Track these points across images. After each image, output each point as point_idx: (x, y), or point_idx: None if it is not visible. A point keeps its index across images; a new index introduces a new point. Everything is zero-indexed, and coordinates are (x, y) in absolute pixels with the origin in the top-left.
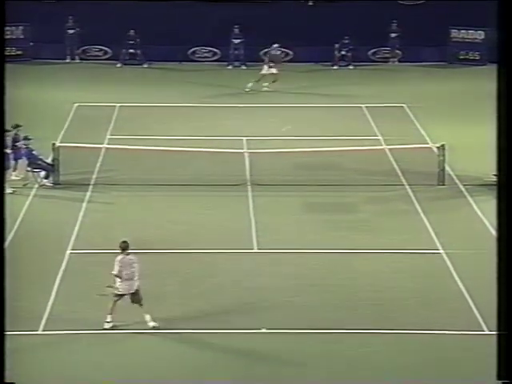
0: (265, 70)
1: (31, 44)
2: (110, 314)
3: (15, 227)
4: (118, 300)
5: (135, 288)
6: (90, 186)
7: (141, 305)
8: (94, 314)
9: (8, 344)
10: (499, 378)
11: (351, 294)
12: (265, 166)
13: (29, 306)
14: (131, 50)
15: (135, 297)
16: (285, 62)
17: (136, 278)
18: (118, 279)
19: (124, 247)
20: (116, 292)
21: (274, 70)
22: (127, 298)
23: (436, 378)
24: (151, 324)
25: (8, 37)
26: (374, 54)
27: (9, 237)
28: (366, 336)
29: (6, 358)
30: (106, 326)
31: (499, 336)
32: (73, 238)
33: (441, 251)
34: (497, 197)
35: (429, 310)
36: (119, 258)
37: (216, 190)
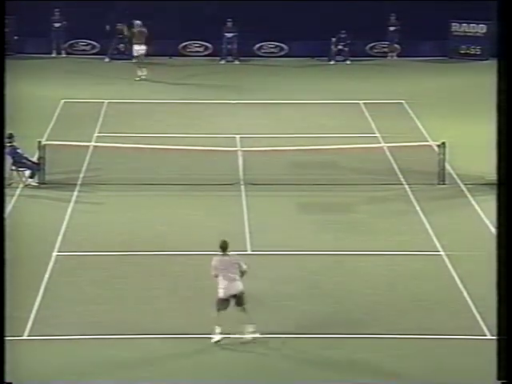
0: (135, 48)
1: (15, 38)
2: (219, 324)
3: None
4: (221, 307)
5: (238, 290)
6: (77, 186)
7: (243, 310)
8: (81, 319)
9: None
10: (499, 378)
11: (349, 297)
12: (259, 164)
13: (14, 310)
14: (120, 45)
15: (238, 300)
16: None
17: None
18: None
19: (223, 247)
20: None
21: (142, 50)
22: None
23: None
24: (249, 336)
25: None
26: (372, 48)
27: None
28: (365, 340)
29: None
30: (216, 338)
31: (499, 336)
32: (59, 239)
33: (441, 253)
34: (496, 194)
35: (429, 313)
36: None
37: (208, 190)
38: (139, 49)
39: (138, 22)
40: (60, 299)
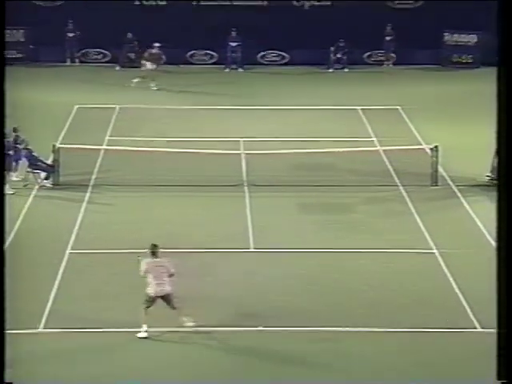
0: (148, 66)
1: (32, 47)
2: (145, 322)
3: (15, 228)
4: (149, 304)
5: (166, 291)
6: (90, 187)
7: (173, 308)
8: (93, 313)
9: (8, 342)
10: (499, 378)
11: (347, 293)
12: (261, 166)
13: (29, 305)
14: (130, 54)
15: (166, 301)
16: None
17: (166, 281)
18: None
19: (152, 250)
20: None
21: (153, 66)
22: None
23: (431, 374)
24: (189, 324)
25: (9, 40)
26: (369, 56)
27: (9, 237)
28: (362, 334)
29: (5, 357)
30: (141, 335)
31: (499, 336)
32: (72, 238)
33: (434, 251)
34: (497, 196)
35: (422, 308)
36: (146, 260)
37: (213, 191)
38: (149, 67)
39: (157, 44)
40: (73, 294)
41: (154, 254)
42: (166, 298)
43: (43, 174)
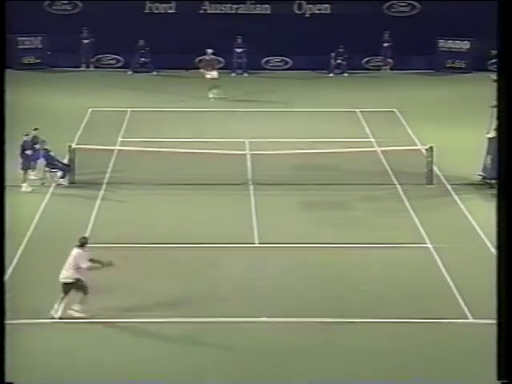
0: (209, 75)
1: (49, 53)
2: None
3: (33, 224)
4: (62, 290)
5: (68, 280)
6: (103, 185)
7: (84, 294)
8: (103, 304)
9: (25, 330)
10: (499, 377)
11: (346, 285)
12: (266, 166)
13: (45, 297)
14: (142, 59)
15: (75, 286)
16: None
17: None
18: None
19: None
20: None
21: (214, 74)
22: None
23: (424, 362)
24: (75, 314)
25: (27, 46)
26: (368, 62)
27: (27, 233)
28: (360, 325)
29: (5, 358)
30: (54, 314)
31: (499, 336)
32: (87, 233)
33: (429, 245)
34: (497, 196)
35: (417, 299)
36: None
37: (220, 189)
38: (209, 75)
39: (210, 50)
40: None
41: (80, 245)
42: (72, 285)
43: (60, 173)
